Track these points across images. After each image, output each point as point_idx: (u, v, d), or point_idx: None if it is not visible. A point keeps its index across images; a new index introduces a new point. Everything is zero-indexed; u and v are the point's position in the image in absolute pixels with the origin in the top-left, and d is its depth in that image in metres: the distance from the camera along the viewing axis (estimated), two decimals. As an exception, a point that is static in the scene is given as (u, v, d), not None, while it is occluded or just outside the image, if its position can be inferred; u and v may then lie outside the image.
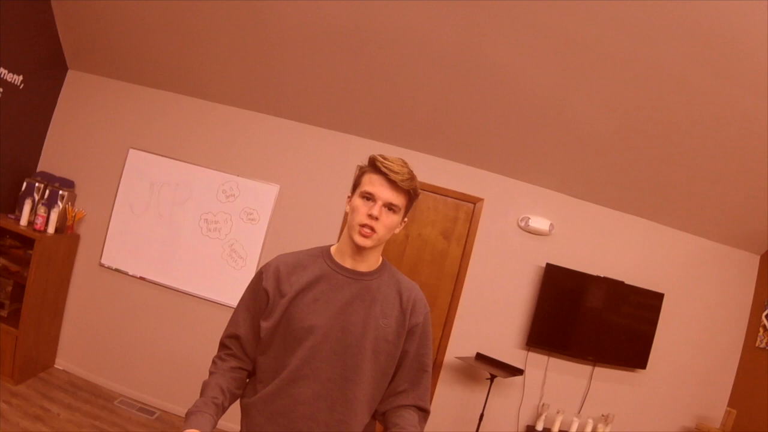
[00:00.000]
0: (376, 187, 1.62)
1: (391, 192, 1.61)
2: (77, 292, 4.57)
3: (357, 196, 1.66)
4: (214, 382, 1.66)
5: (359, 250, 1.68)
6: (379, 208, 1.61)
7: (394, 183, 1.60)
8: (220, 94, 4.41)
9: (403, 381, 1.76)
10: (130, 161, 4.45)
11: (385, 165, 1.60)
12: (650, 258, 4.41)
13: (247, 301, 1.77)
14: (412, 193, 1.66)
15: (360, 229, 1.63)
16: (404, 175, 1.61)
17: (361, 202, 1.64)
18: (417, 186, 1.67)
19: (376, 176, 1.62)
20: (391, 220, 1.65)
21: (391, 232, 1.68)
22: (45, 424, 3.71)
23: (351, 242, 1.67)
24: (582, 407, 4.33)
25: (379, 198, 1.62)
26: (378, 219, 1.61)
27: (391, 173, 1.59)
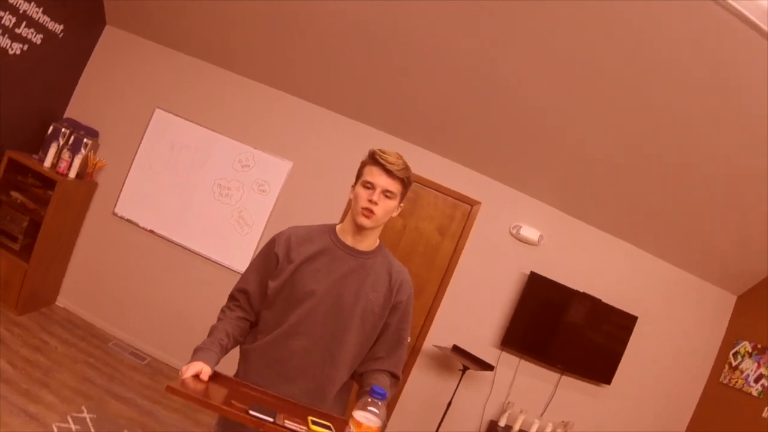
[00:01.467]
0: (375, 177, 1.85)
1: (387, 180, 1.84)
2: (88, 236, 4.76)
3: (359, 185, 1.88)
4: (222, 326, 1.90)
5: (360, 231, 1.90)
6: (378, 194, 1.84)
7: (390, 173, 1.83)
8: (249, 69, 4.58)
9: (382, 349, 1.99)
10: (155, 120, 4.64)
11: (382, 158, 1.84)
12: (630, 281, 4.59)
13: (258, 262, 2.01)
14: (406, 181, 1.89)
15: (362, 211, 1.85)
16: (399, 166, 1.85)
17: (363, 190, 1.86)
18: (410, 175, 1.90)
19: (375, 167, 1.84)
20: (388, 205, 1.88)
21: (389, 215, 1.91)
22: (43, 354, 3.91)
23: (353, 224, 1.90)
24: (545, 411, 4.54)
25: (378, 186, 1.84)
26: (377, 204, 1.83)
27: (387, 164, 1.83)
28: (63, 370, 3.80)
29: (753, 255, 4.25)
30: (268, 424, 1.45)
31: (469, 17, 3.37)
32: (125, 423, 3.47)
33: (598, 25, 3.08)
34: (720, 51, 2.92)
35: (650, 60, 3.15)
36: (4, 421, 2.96)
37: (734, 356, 4.44)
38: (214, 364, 1.73)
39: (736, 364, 4.39)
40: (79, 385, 3.71)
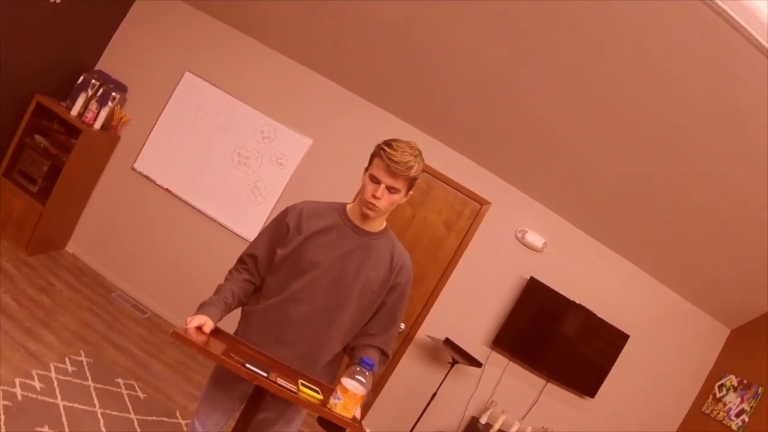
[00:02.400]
0: (380, 173, 1.90)
1: (391, 178, 1.89)
2: (104, 187, 4.81)
3: (367, 175, 1.95)
4: (228, 286, 1.99)
5: (366, 216, 1.98)
6: (381, 190, 1.91)
7: (393, 172, 1.87)
8: (281, 44, 4.59)
9: (376, 326, 2.07)
10: (183, 82, 4.66)
11: (389, 156, 1.86)
12: (627, 300, 4.60)
13: (270, 230, 2.09)
14: (410, 178, 1.92)
15: (366, 203, 1.93)
16: (402, 166, 1.86)
17: (369, 183, 1.93)
18: (414, 174, 1.91)
19: (381, 163, 1.89)
20: (392, 199, 1.95)
21: (394, 206, 1.99)
22: (47, 296, 3.98)
23: (360, 209, 1.98)
24: (526, 415, 4.57)
25: (382, 181, 1.90)
26: (380, 198, 1.90)
27: (392, 164, 1.86)
28: (65, 313, 3.87)
29: (752, 291, 4.24)
30: (261, 378, 1.50)
31: (497, 28, 3.41)
32: (120, 371, 3.54)
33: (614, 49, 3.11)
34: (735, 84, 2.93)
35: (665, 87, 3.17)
36: (4, 354, 3.03)
37: (719, 388, 4.44)
38: (217, 320, 1.82)
39: (720, 396, 4.40)
40: (80, 329, 3.77)
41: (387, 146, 1.88)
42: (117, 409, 3.12)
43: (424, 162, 1.98)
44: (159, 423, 3.22)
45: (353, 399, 1.58)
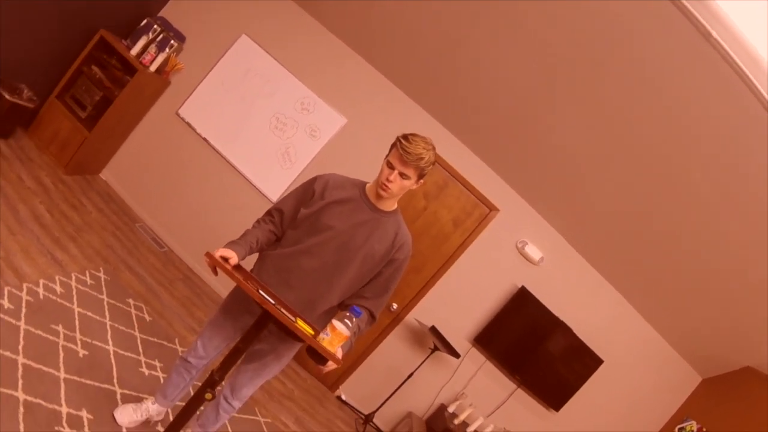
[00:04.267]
0: (395, 160, 2.11)
1: (403, 166, 2.10)
2: (147, 125, 4.97)
3: (385, 161, 2.15)
4: (255, 232, 2.23)
5: (380, 196, 2.19)
6: (395, 175, 2.12)
7: (405, 161, 2.07)
8: (335, 25, 4.70)
9: (370, 291, 2.28)
10: (239, 43, 4.79)
11: (404, 147, 2.07)
12: (609, 327, 4.68)
13: (298, 191, 2.31)
14: (420, 168, 2.11)
15: (381, 185, 2.13)
16: (414, 158, 2.06)
17: (385, 167, 2.14)
18: (423, 165, 2.11)
19: (397, 152, 2.10)
20: (403, 184, 2.15)
21: (405, 190, 2.18)
22: (78, 214, 4.15)
23: (376, 189, 2.18)
24: (492, 413, 4.69)
25: (396, 168, 2.11)
26: (393, 182, 2.12)
27: (405, 154, 2.06)
28: (91, 232, 4.05)
29: (731, 346, 4.29)
30: (269, 304, 1.67)
31: (536, 56, 3.55)
32: (132, 293, 3.72)
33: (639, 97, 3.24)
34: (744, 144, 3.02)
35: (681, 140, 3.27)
36: (33, 256, 3.21)
37: (679, 431, 4.50)
38: (240, 258, 2.04)
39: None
40: (102, 249, 3.95)
41: (404, 139, 2.10)
42: (124, 325, 3.30)
43: (437, 157, 2.18)
44: (159, 345, 3.40)
45: (338, 337, 1.81)
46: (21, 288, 2.85)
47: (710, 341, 4.43)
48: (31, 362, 2.46)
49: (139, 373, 3.00)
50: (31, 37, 4.05)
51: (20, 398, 2.24)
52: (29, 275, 3.03)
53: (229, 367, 1.91)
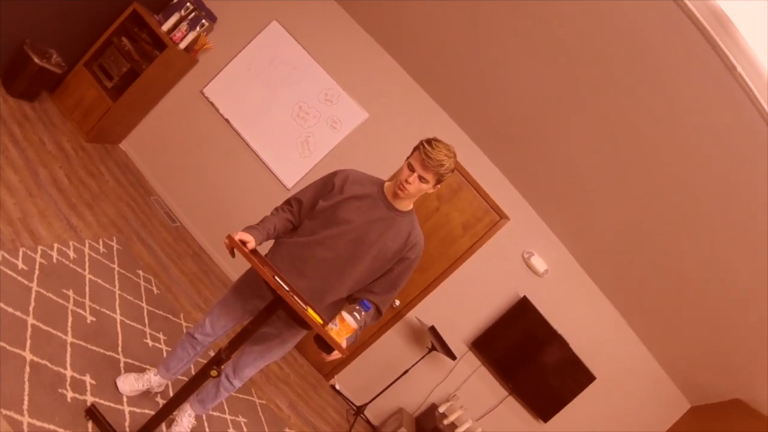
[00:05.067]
0: (416, 163, 2.15)
1: (423, 170, 2.13)
2: (171, 101, 4.98)
3: (406, 162, 2.19)
4: (273, 220, 2.26)
5: (398, 195, 2.21)
6: (414, 177, 2.15)
7: (427, 166, 2.11)
8: (366, 20, 4.69)
9: (378, 286, 2.30)
10: (269, 29, 4.79)
11: (427, 152, 2.10)
12: (605, 346, 4.67)
13: (318, 183, 2.33)
14: (440, 174, 2.15)
15: (399, 185, 2.17)
16: (435, 163, 2.10)
17: (406, 168, 2.17)
18: (443, 171, 2.15)
19: (419, 156, 2.13)
20: (421, 187, 2.18)
21: (421, 193, 2.22)
22: (95, 182, 4.17)
23: (394, 188, 2.21)
24: (481, 418, 4.71)
25: (416, 170, 2.15)
26: (411, 183, 2.16)
27: (427, 159, 2.10)
28: (107, 201, 4.07)
29: (724, 377, 4.27)
30: (284, 290, 1.69)
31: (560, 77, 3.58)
32: (142, 265, 3.74)
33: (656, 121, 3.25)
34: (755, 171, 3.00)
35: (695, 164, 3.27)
36: (49, 220, 3.24)
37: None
38: (257, 243, 2.08)
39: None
40: (117, 219, 3.98)
41: (427, 143, 2.12)
42: (132, 295, 3.33)
43: (457, 164, 2.21)
44: (164, 318, 3.42)
45: (346, 329, 1.87)
46: (36, 250, 2.87)
47: (703, 369, 4.41)
48: (40, 324, 2.48)
49: (143, 344, 3.02)
50: (64, 4, 4.07)
51: (27, 358, 2.27)
52: (44, 238, 3.06)
53: (236, 347, 1.93)
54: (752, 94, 2.70)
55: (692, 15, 2.67)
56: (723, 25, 2.68)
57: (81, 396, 2.35)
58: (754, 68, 2.70)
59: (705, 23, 2.67)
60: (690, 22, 2.69)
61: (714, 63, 2.73)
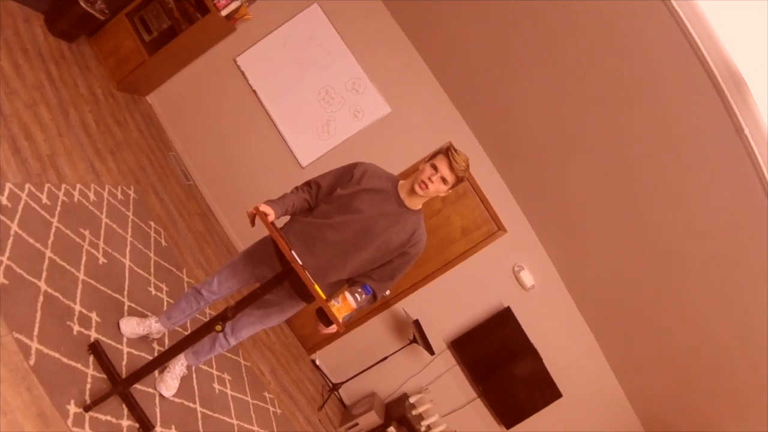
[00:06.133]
0: (441, 165, 2.32)
1: (448, 171, 2.31)
2: (203, 64, 5.05)
3: (428, 163, 2.35)
4: (292, 197, 2.41)
5: (412, 194, 2.38)
6: (437, 177, 2.31)
7: (453, 168, 2.29)
8: (404, 20, 4.80)
9: (377, 274, 2.47)
10: (309, 11, 4.86)
11: (453, 156, 2.29)
12: (577, 366, 4.82)
13: (338, 172, 2.49)
14: (460, 178, 2.34)
15: (420, 182, 2.33)
16: (461, 167, 2.30)
17: (429, 168, 2.34)
18: (465, 176, 2.37)
19: (445, 159, 2.30)
20: (440, 187, 2.35)
21: (437, 194, 2.39)
22: (120, 130, 4.24)
23: (411, 187, 2.38)
24: (448, 414, 4.87)
25: (440, 171, 2.32)
26: (433, 183, 2.31)
27: (454, 163, 2.29)
28: (129, 150, 4.16)
29: (685, 418, 4.39)
30: (297, 264, 1.84)
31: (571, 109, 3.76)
32: (154, 217, 3.86)
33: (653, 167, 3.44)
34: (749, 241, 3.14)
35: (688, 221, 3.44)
36: (75, 161, 3.34)
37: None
38: (275, 216, 2.22)
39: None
40: (136, 169, 4.08)
41: (454, 150, 2.30)
42: (142, 244, 3.45)
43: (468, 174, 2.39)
44: (168, 270, 3.55)
45: (346, 307, 2.05)
46: (59, 188, 2.99)
47: (667, 408, 4.56)
48: (57, 258, 2.60)
49: (146, 291, 3.15)
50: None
51: (41, 288, 2.39)
52: (68, 177, 3.17)
53: (243, 308, 2.08)
54: (756, 160, 2.82)
55: (710, 71, 2.79)
56: (738, 86, 2.80)
57: (86, 331, 2.48)
58: (760, 133, 2.82)
59: (721, 81, 2.79)
60: (707, 78, 2.81)
61: (723, 121, 2.85)
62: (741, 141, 2.83)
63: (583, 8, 3.24)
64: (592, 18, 3.25)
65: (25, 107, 3.21)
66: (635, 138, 3.42)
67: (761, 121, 2.77)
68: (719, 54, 2.75)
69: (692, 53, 2.78)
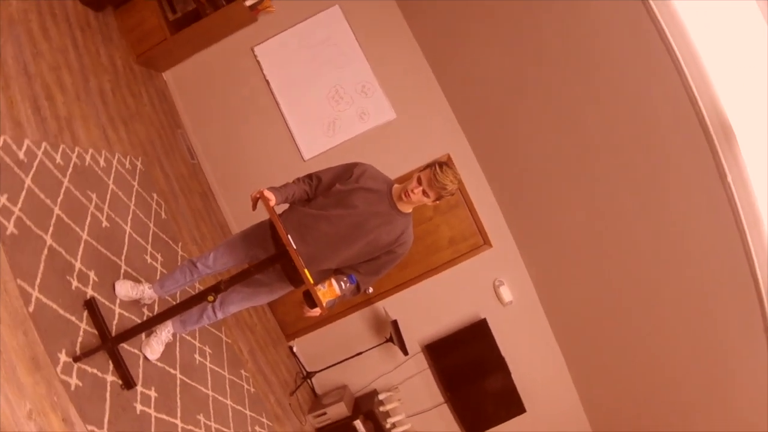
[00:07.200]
0: (424, 179, 2.44)
1: (428, 187, 2.43)
2: (221, 48, 5.16)
3: (417, 175, 2.48)
4: (293, 187, 2.56)
5: (401, 199, 2.54)
6: (419, 190, 2.45)
7: (432, 185, 2.41)
8: (421, 34, 4.91)
9: (364, 268, 2.62)
10: (330, 12, 4.98)
11: (435, 172, 2.38)
12: (543, 385, 4.93)
13: (340, 168, 2.65)
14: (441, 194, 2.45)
15: (405, 192, 2.48)
16: (439, 186, 2.38)
17: (415, 180, 2.47)
18: (445, 194, 2.44)
19: (429, 174, 2.42)
20: (422, 199, 2.48)
21: (421, 203, 2.53)
22: (135, 102, 4.34)
23: (400, 192, 2.53)
24: (413, 416, 4.97)
25: (422, 185, 2.44)
26: (415, 194, 2.44)
27: (434, 180, 2.38)
28: (141, 123, 4.26)
29: None
30: (292, 248, 1.98)
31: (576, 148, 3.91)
32: (158, 190, 3.97)
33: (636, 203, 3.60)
34: None
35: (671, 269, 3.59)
36: (90, 126, 3.46)
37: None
38: (276, 202, 2.38)
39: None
40: (145, 141, 4.19)
41: (439, 166, 2.42)
42: (143, 213, 3.56)
43: (461, 185, 2.52)
44: (165, 242, 3.67)
45: (331, 293, 2.21)
46: (73, 150, 3.12)
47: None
48: (64, 216, 2.73)
49: (142, 259, 3.27)
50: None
51: (47, 242, 2.51)
52: (82, 141, 3.30)
53: (235, 283, 2.22)
54: (735, 207, 2.94)
55: (702, 118, 2.92)
56: (726, 134, 2.94)
57: (83, 287, 2.60)
58: (742, 180, 2.97)
59: (711, 128, 2.93)
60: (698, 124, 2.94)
61: (709, 166, 2.97)
62: (723, 187, 2.96)
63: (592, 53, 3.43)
64: (596, 63, 3.43)
65: (49, 69, 3.33)
66: (625, 175, 3.58)
67: (744, 169, 2.91)
68: (713, 103, 2.89)
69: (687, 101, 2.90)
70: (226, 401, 3.42)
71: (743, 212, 2.97)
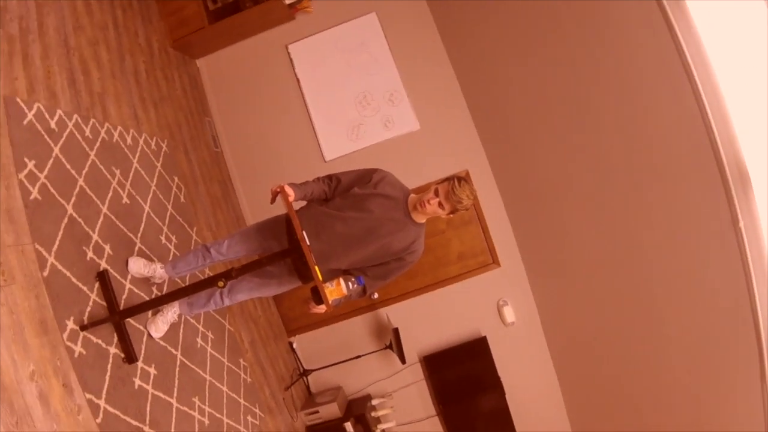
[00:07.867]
0: (441, 193, 2.45)
1: (444, 200, 2.44)
2: (257, 42, 5.23)
3: (433, 187, 2.50)
4: (312, 185, 2.60)
5: (416, 209, 2.55)
6: (435, 201, 2.46)
7: (449, 198, 2.42)
8: (454, 51, 4.94)
9: (372, 272, 2.65)
10: (366, 18, 5.04)
11: (454, 187, 2.40)
12: (537, 410, 4.90)
13: (360, 172, 2.68)
14: (456, 208, 2.45)
15: (421, 201, 2.50)
16: (456, 199, 2.40)
17: (431, 191, 2.49)
18: (460, 208, 2.45)
19: (447, 188, 2.44)
20: (437, 211, 2.49)
21: (436, 215, 2.53)
22: (167, 85, 4.40)
23: (415, 202, 2.55)
24: (404, 425, 4.96)
25: (439, 197, 2.45)
26: (431, 205, 2.46)
27: (451, 193, 2.40)
28: (170, 106, 4.32)
29: None
30: (305, 244, 2.00)
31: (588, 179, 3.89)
32: (179, 173, 4.01)
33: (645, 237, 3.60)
34: None
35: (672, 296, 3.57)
36: (120, 103, 3.53)
37: None
38: (295, 198, 2.42)
39: None
40: (173, 124, 4.24)
41: (457, 181, 2.43)
42: (163, 195, 3.61)
43: (476, 203, 2.55)
44: (180, 225, 3.70)
45: (338, 291, 2.22)
46: (103, 125, 3.18)
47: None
48: (87, 188, 2.78)
49: (157, 239, 3.31)
50: None
51: (68, 211, 2.57)
52: (112, 118, 3.36)
53: (246, 272, 2.25)
54: (745, 254, 2.94)
55: (721, 163, 2.94)
56: (743, 181, 2.95)
57: (98, 259, 2.65)
58: (754, 230, 2.96)
59: (729, 174, 2.94)
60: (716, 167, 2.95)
61: (723, 210, 2.98)
62: (735, 233, 2.97)
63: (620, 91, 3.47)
64: (622, 101, 3.47)
65: (87, 44, 3.40)
66: (641, 212, 3.59)
67: (757, 216, 2.91)
68: (733, 149, 2.91)
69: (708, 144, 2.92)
70: (222, 387, 3.44)
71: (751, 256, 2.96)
